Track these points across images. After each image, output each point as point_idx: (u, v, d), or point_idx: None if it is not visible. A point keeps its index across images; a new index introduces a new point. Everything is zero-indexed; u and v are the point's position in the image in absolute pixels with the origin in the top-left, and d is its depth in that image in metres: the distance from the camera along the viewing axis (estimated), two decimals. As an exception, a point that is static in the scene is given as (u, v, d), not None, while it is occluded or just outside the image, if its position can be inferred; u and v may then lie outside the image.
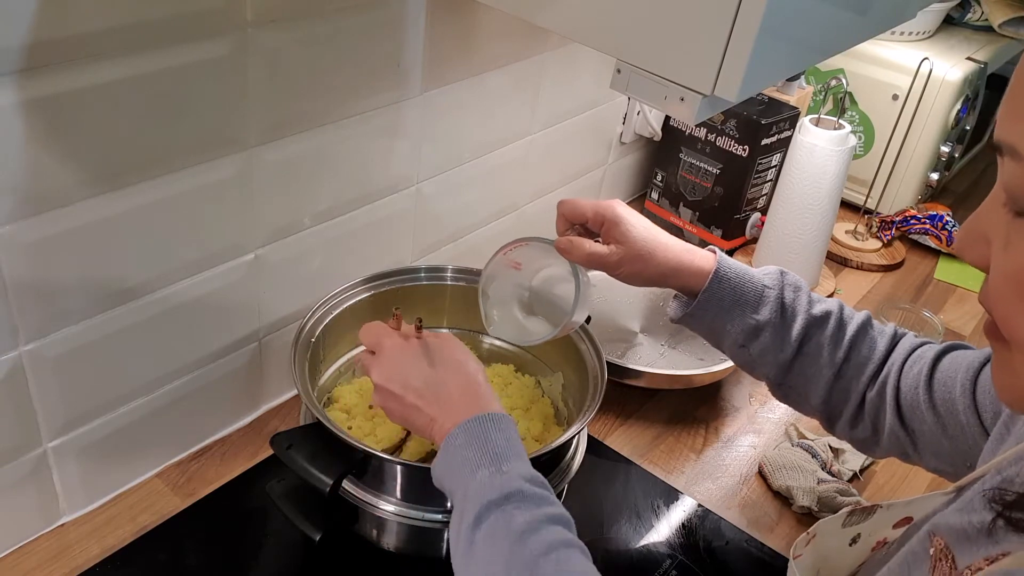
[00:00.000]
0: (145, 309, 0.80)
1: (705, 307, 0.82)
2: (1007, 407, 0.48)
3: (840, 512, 0.70)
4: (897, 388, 0.79)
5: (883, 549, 0.69)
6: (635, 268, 0.83)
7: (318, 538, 0.76)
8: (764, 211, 1.40)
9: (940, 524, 0.57)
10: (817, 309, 0.82)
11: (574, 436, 0.84)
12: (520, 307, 0.89)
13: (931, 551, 0.56)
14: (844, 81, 1.34)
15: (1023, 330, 0.45)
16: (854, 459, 1.03)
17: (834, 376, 0.82)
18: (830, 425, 0.85)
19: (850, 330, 0.82)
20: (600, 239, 0.84)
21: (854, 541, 0.71)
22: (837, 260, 1.45)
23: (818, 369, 0.82)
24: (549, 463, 0.84)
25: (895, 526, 0.68)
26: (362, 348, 0.97)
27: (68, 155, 0.68)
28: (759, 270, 0.84)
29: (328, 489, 0.73)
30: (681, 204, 1.44)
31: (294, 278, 0.94)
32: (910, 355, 0.80)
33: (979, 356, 0.76)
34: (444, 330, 1.00)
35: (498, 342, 1.02)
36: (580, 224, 0.85)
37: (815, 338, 0.82)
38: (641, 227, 0.83)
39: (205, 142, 0.78)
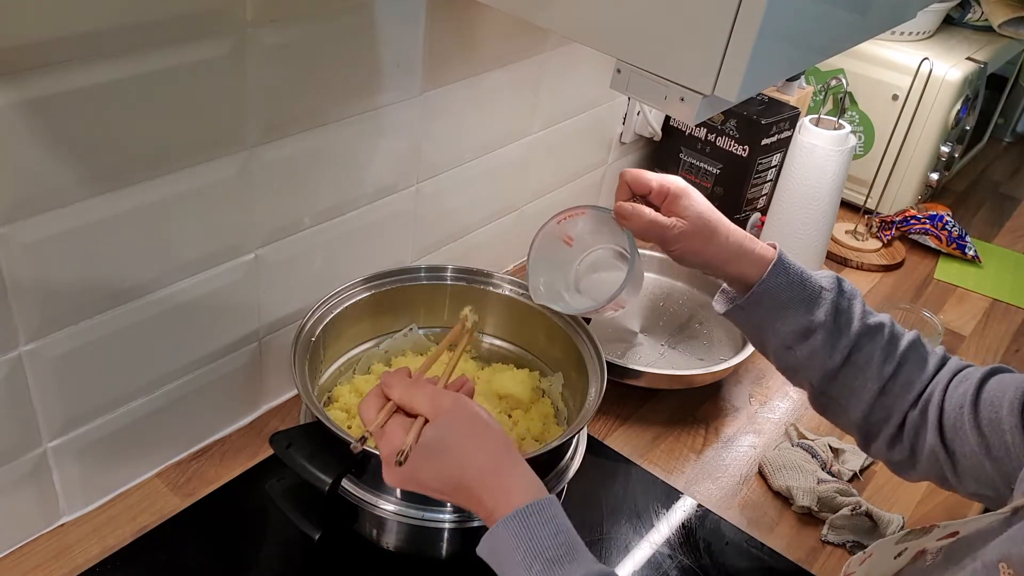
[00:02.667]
0: (145, 309, 0.80)
1: (759, 300, 0.80)
2: None
3: (900, 533, 0.69)
4: (941, 408, 0.77)
5: (923, 559, 0.68)
6: (694, 245, 0.80)
7: (317, 537, 0.76)
8: (764, 211, 1.40)
9: (1013, 554, 0.55)
10: (871, 319, 0.80)
11: (574, 436, 0.84)
12: (567, 282, 0.88)
13: None
14: (844, 81, 1.34)
15: None
16: (854, 459, 1.03)
17: (879, 391, 0.79)
18: (866, 443, 0.83)
19: (902, 344, 0.80)
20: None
21: (899, 555, 0.70)
22: (837, 260, 1.45)
23: (864, 381, 0.79)
24: (548, 463, 0.84)
25: (939, 540, 0.67)
26: (364, 348, 0.98)
27: (68, 155, 0.68)
28: (816, 272, 0.83)
29: (327, 488, 0.73)
30: (681, 204, 1.44)
31: (294, 278, 0.94)
32: (955, 375, 0.78)
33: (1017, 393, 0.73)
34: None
35: (498, 341, 1.02)
36: (642, 195, 0.83)
37: (866, 348, 0.79)
38: (705, 205, 0.81)
39: (205, 142, 0.78)
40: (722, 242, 0.80)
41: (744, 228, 1.39)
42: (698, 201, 0.81)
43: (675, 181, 0.82)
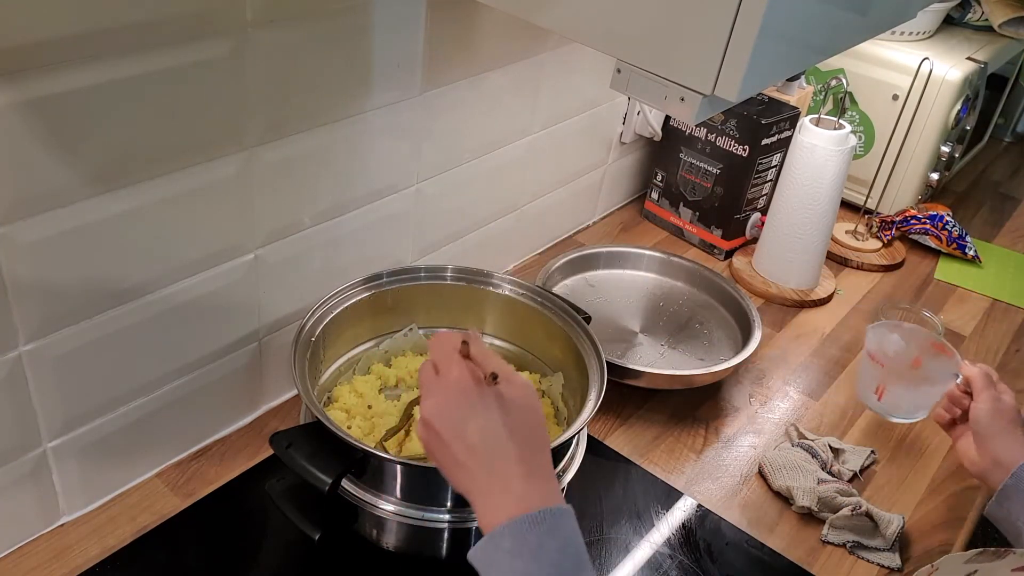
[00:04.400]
0: (145, 309, 0.80)
1: (1009, 495, 0.83)
2: None
3: (971, 551, 0.69)
4: None
5: None
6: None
7: (317, 537, 0.76)
8: (764, 211, 1.40)
9: None
10: None
11: (574, 436, 0.84)
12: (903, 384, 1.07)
13: None
14: (844, 81, 1.34)
15: None
16: (854, 459, 1.03)
17: None
18: None
19: None
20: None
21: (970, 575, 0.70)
22: (837, 260, 1.45)
23: None
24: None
25: (1014, 570, 0.66)
26: (363, 348, 0.98)
27: (68, 155, 0.68)
28: None
29: (327, 488, 0.73)
30: (681, 204, 1.44)
31: (294, 278, 0.94)
32: None
33: None
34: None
35: (498, 341, 1.02)
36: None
37: None
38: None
39: (205, 142, 0.78)
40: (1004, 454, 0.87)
41: (744, 228, 1.40)
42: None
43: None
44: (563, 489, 0.85)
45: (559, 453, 0.86)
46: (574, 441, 0.87)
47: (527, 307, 0.97)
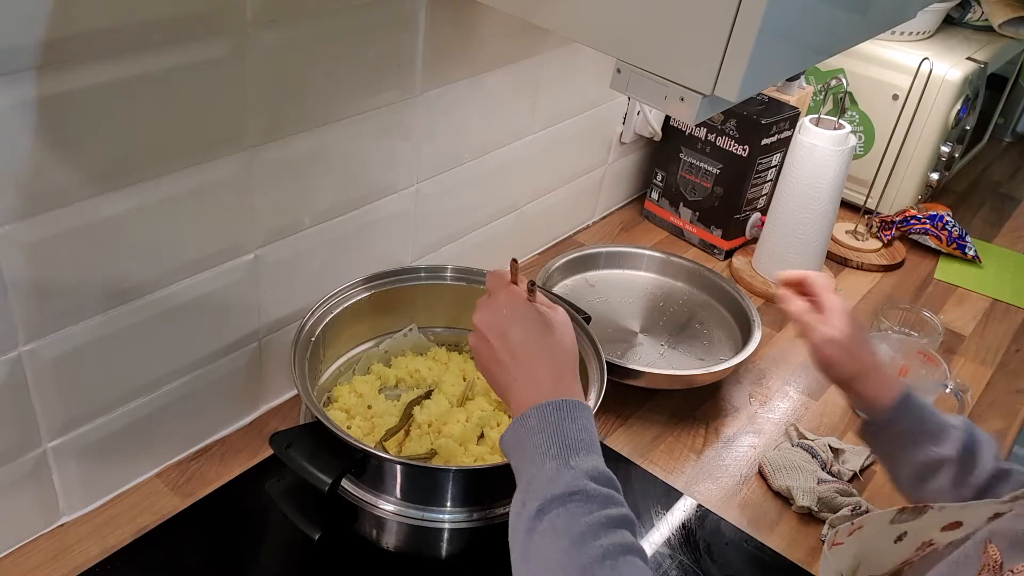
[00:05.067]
0: (145, 309, 0.80)
1: (888, 428, 0.83)
2: None
3: (890, 508, 0.70)
4: None
5: (926, 550, 0.69)
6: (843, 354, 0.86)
7: (317, 537, 0.76)
8: (764, 211, 1.40)
9: (997, 531, 0.58)
10: (1003, 465, 0.80)
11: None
12: None
13: (983, 557, 0.56)
14: (844, 81, 1.34)
15: None
16: (854, 459, 1.03)
17: (973, 497, 0.78)
18: None
19: (1005, 465, 0.80)
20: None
21: (899, 538, 0.71)
22: (837, 260, 1.45)
23: (970, 495, 0.78)
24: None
25: (943, 529, 0.68)
26: (363, 348, 0.98)
27: (68, 155, 0.68)
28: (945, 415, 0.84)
29: (327, 488, 0.73)
30: (681, 204, 1.44)
31: (294, 278, 0.94)
32: None
33: None
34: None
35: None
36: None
37: (986, 483, 0.79)
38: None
39: (205, 142, 0.78)
40: (867, 357, 0.86)
41: (744, 228, 1.40)
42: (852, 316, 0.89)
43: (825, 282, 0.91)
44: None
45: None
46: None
47: (527, 307, 0.97)
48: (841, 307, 0.89)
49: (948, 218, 1.49)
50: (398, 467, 0.79)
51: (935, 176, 1.53)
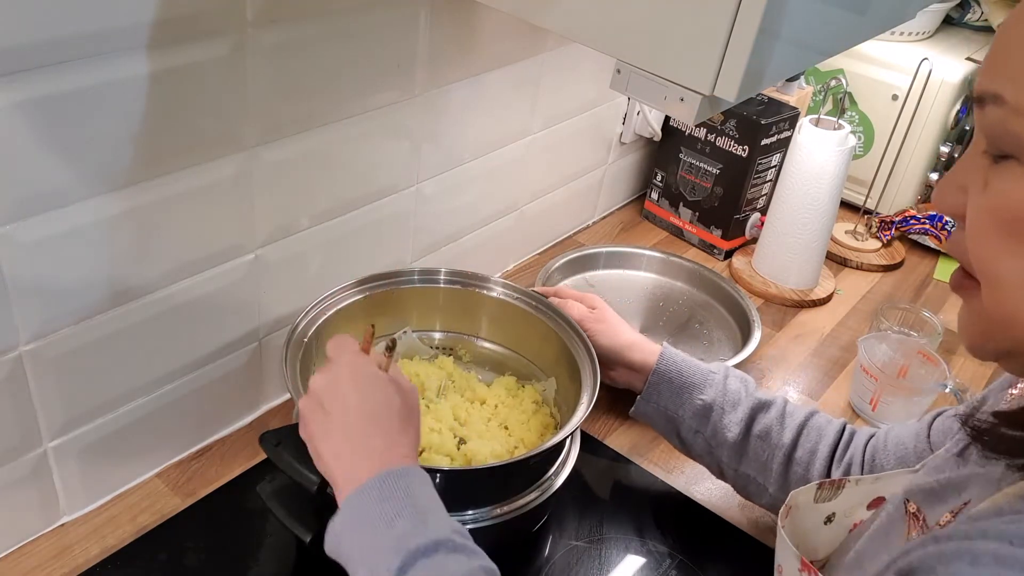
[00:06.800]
0: (145, 309, 0.80)
1: (657, 387, 0.90)
2: (976, 357, 0.51)
3: (811, 484, 0.71)
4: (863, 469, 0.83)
5: (858, 530, 0.70)
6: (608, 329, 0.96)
7: (308, 539, 0.73)
8: (764, 211, 1.40)
9: (912, 488, 0.61)
10: (762, 396, 0.88)
11: (566, 438, 0.83)
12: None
13: (906, 515, 0.59)
14: (844, 81, 1.34)
15: (996, 262, 0.46)
16: (854, 459, 1.03)
17: (786, 460, 0.85)
18: None
19: (798, 416, 0.86)
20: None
21: (829, 520, 0.72)
22: (837, 260, 1.45)
23: (769, 451, 0.86)
24: (540, 467, 0.85)
25: (868, 507, 0.70)
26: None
27: (68, 155, 0.68)
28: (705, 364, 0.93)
29: (315, 488, 0.71)
30: (681, 204, 1.44)
31: (294, 278, 0.94)
32: (869, 440, 0.85)
33: (926, 418, 0.81)
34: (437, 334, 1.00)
35: (493, 345, 1.02)
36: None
37: (762, 420, 0.87)
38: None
39: (205, 142, 0.78)
40: (629, 334, 0.97)
41: (744, 228, 1.40)
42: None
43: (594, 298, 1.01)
44: (555, 492, 0.85)
45: (552, 455, 0.86)
46: (567, 444, 0.87)
47: (520, 311, 0.97)
48: (602, 301, 1.01)
49: (947, 218, 1.49)
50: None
51: (935, 176, 1.53)
